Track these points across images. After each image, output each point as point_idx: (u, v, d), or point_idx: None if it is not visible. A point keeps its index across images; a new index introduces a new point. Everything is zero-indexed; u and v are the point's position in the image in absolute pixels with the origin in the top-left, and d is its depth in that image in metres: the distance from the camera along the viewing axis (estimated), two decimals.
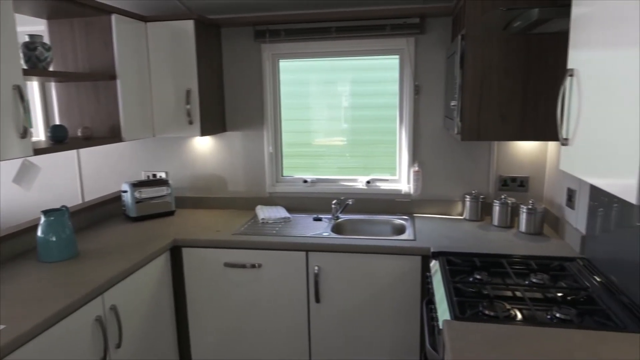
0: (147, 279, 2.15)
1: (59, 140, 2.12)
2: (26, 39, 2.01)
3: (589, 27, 1.20)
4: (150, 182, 2.75)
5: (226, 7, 2.65)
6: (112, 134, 2.45)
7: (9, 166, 3.16)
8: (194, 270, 2.39)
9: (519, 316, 1.45)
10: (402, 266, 2.20)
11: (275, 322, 2.37)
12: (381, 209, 2.81)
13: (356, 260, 2.23)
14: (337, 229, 2.60)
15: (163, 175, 3.04)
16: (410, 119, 2.70)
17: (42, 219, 2.01)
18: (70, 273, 1.88)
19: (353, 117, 2.82)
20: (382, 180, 2.84)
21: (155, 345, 2.21)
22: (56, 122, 2.60)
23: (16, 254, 2.13)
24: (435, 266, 1.93)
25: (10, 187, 3.20)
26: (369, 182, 2.83)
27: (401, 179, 2.81)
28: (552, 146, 2.52)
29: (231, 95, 2.90)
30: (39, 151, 1.88)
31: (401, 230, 2.57)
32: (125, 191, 2.71)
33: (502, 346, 1.25)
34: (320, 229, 2.48)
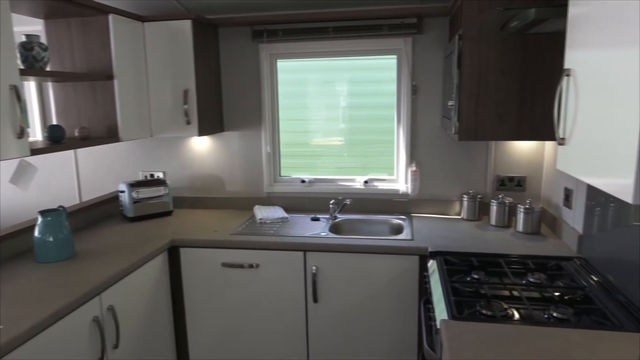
0: (144, 279, 2.14)
1: (56, 141, 2.12)
2: (23, 38, 2.00)
3: (585, 27, 1.21)
4: (148, 182, 2.75)
5: (224, 7, 2.65)
6: (109, 134, 2.45)
7: (6, 166, 3.15)
8: (192, 271, 2.39)
9: (517, 316, 1.45)
10: (399, 266, 2.20)
11: (273, 322, 2.37)
12: (379, 208, 2.81)
13: (354, 260, 2.24)
14: (334, 229, 2.60)
15: (161, 175, 3.04)
16: (408, 118, 2.70)
17: (39, 219, 2.01)
18: (68, 273, 1.88)
19: (351, 117, 2.82)
20: (379, 180, 2.84)
21: (152, 345, 2.21)
22: (53, 122, 2.60)
23: (13, 254, 2.13)
24: (432, 266, 1.94)
25: (7, 187, 3.19)
26: (366, 182, 2.83)
27: (399, 178, 2.81)
28: (549, 146, 2.53)
29: (229, 95, 2.90)
30: (36, 151, 1.88)
31: (399, 230, 2.57)
32: (123, 191, 2.71)
33: (499, 345, 1.25)
34: (318, 228, 2.48)
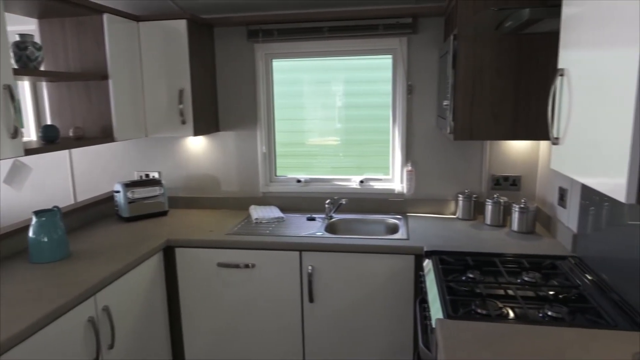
0: (140, 279, 2.14)
1: (50, 141, 2.11)
2: (17, 38, 1.99)
3: (579, 27, 1.21)
4: (143, 182, 2.74)
5: (219, 7, 2.64)
6: (104, 134, 2.44)
7: (0, 167, 3.13)
8: (187, 271, 2.38)
9: (511, 314, 1.46)
10: (395, 265, 2.21)
11: (269, 322, 2.37)
12: (374, 208, 2.82)
13: (350, 259, 2.24)
14: (330, 228, 2.60)
15: (156, 175, 3.03)
16: (403, 118, 2.70)
17: (34, 220, 2.00)
18: (62, 274, 1.87)
19: (346, 117, 2.82)
20: (375, 180, 2.84)
21: (148, 345, 2.20)
22: (47, 122, 2.59)
23: (7, 255, 2.11)
24: (428, 265, 1.94)
25: (1, 187, 3.17)
26: (362, 182, 2.84)
27: (394, 178, 2.82)
28: (543, 145, 2.54)
29: (224, 95, 2.89)
30: (30, 151, 1.87)
31: (394, 230, 2.58)
32: (118, 191, 2.69)
33: (494, 344, 1.26)
34: (314, 228, 2.48)
